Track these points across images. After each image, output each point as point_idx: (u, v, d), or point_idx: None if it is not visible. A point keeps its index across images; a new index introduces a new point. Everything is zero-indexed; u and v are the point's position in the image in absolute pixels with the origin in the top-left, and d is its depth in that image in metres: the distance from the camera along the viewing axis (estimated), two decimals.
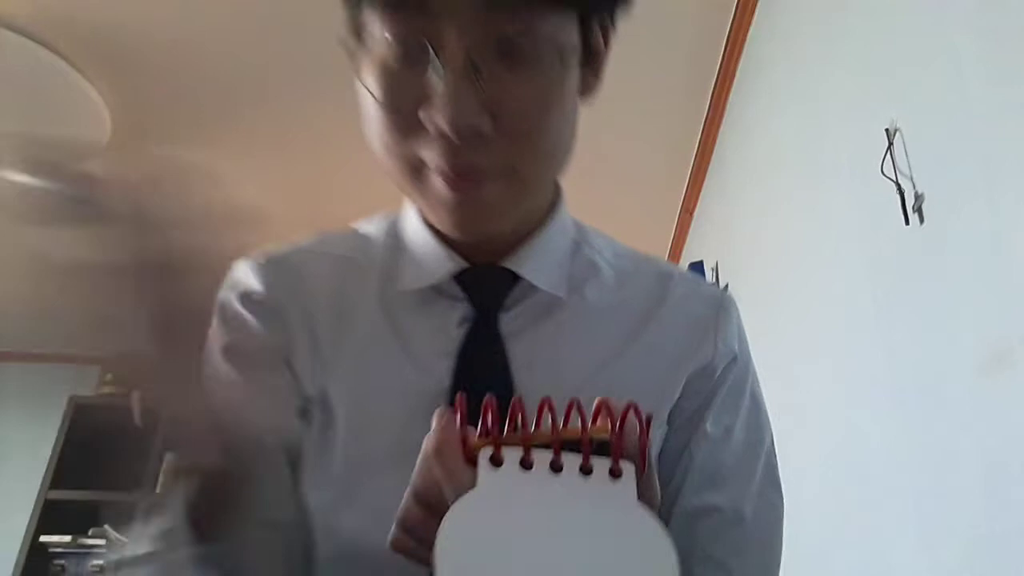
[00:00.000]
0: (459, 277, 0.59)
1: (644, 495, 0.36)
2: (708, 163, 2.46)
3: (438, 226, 0.57)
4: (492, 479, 0.34)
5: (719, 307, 0.65)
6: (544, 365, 0.58)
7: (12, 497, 3.29)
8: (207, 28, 2.03)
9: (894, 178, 1.14)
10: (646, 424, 0.36)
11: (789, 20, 1.75)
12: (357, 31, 0.51)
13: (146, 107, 2.30)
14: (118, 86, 2.20)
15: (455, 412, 0.38)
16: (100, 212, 0.36)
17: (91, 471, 3.34)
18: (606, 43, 0.57)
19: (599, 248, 0.67)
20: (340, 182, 2.65)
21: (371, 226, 0.67)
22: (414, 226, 0.62)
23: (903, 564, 1.14)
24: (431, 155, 0.50)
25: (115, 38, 2.04)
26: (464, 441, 0.36)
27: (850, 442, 1.36)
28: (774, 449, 0.65)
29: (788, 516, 0.69)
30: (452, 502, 0.34)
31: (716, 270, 2.36)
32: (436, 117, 0.47)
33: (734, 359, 0.64)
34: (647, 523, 0.34)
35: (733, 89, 2.15)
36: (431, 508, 0.37)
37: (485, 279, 0.59)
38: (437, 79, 0.47)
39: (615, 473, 0.35)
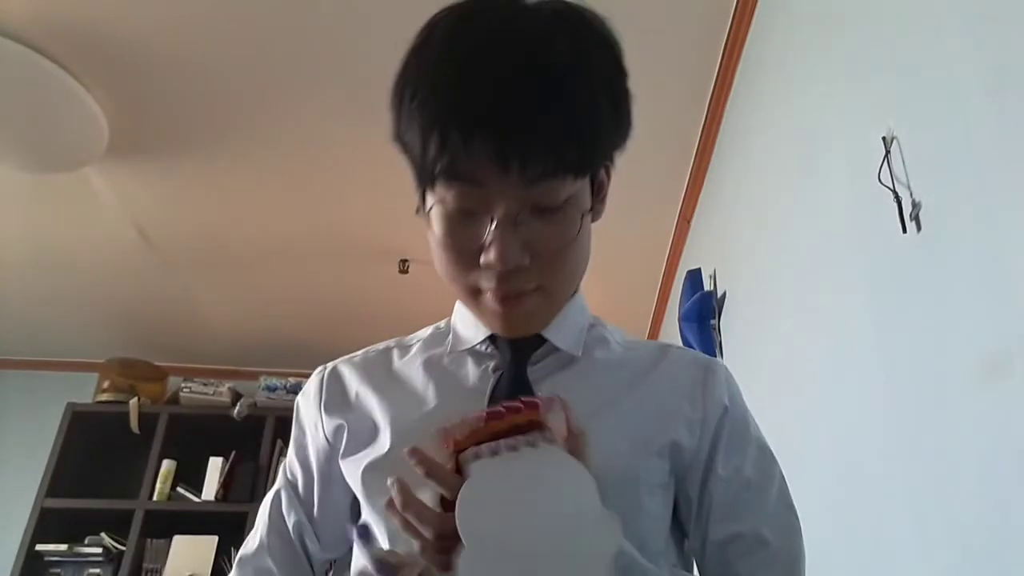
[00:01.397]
0: (494, 340, 0.76)
1: (571, 447, 0.55)
2: (706, 170, 2.46)
3: (490, 329, 0.75)
4: (477, 468, 0.53)
5: (707, 368, 0.79)
6: None
7: (9, 505, 3.28)
8: (205, 36, 2.04)
9: (891, 186, 1.14)
10: (562, 406, 0.56)
11: (786, 29, 1.75)
12: (424, 197, 0.68)
13: (144, 115, 2.30)
14: (116, 93, 2.20)
15: (446, 440, 0.55)
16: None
17: (88, 479, 3.33)
18: (608, 176, 0.74)
19: (611, 331, 0.83)
20: (338, 190, 2.65)
21: (422, 330, 0.87)
22: (461, 311, 0.80)
23: (902, 571, 1.14)
24: (485, 282, 0.67)
25: (113, 46, 2.04)
26: (453, 445, 0.54)
27: (848, 449, 1.36)
28: (785, 484, 0.77)
29: None
30: (456, 494, 0.52)
31: (714, 277, 2.36)
32: (490, 257, 0.64)
33: (725, 410, 0.76)
34: (570, 463, 0.54)
35: (730, 97, 2.16)
36: (445, 505, 0.54)
37: (517, 340, 0.75)
38: (490, 231, 0.64)
39: (548, 440, 0.54)
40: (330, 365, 0.84)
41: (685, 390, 0.76)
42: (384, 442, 0.73)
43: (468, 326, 0.79)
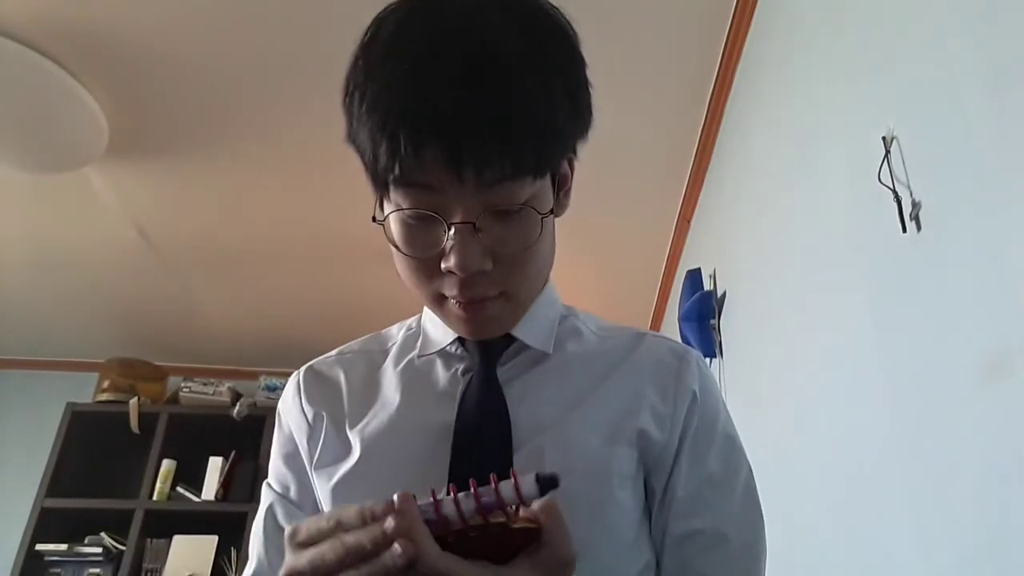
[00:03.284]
0: (463, 341, 0.75)
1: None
2: (706, 170, 2.46)
3: (456, 333, 0.74)
4: None
5: (682, 359, 0.77)
6: (532, 400, 0.72)
7: (9, 505, 3.28)
8: (205, 36, 2.04)
9: (891, 186, 1.14)
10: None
11: (786, 29, 1.75)
12: (382, 204, 0.66)
13: (144, 115, 2.30)
14: (116, 93, 2.20)
15: None
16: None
17: (88, 479, 3.33)
18: (572, 169, 0.71)
19: (584, 320, 0.82)
20: (338, 190, 2.65)
21: (394, 326, 0.86)
22: (429, 312, 0.79)
23: (902, 571, 1.14)
24: (448, 288, 0.66)
25: (113, 46, 2.04)
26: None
27: (848, 449, 1.36)
28: (752, 478, 0.76)
29: (787, 524, 0.71)
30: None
31: (714, 277, 2.36)
32: (450, 263, 0.62)
33: (694, 398, 0.74)
34: None
35: (731, 96, 2.16)
36: None
37: (486, 341, 0.73)
38: (448, 236, 0.62)
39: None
40: (303, 367, 0.83)
41: (657, 379, 0.75)
42: (354, 454, 0.72)
43: (437, 328, 0.78)
